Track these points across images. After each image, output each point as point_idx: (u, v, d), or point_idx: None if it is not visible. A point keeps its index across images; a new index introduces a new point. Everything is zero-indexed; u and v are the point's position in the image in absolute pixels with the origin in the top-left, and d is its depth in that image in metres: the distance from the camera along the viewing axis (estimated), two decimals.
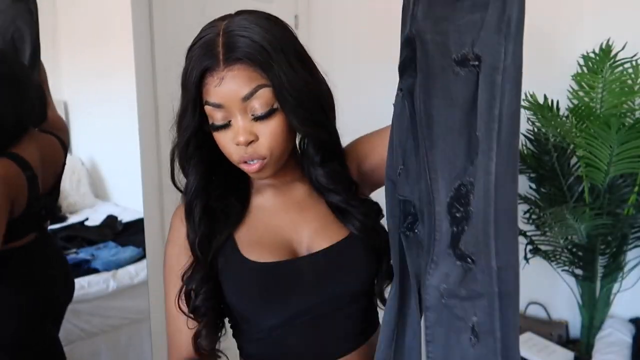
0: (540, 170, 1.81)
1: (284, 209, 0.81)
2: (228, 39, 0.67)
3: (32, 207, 1.24)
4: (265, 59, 0.66)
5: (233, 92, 0.67)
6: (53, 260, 1.45)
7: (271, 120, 0.69)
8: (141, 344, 1.88)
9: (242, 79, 0.67)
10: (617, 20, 1.69)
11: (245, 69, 0.67)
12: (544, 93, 1.63)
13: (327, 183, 0.79)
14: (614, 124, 1.39)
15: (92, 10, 1.92)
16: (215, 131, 0.72)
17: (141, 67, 1.68)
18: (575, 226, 1.50)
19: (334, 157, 0.80)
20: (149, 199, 1.75)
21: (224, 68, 0.67)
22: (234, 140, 0.70)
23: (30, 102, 1.24)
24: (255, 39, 0.67)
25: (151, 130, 1.73)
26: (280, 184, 0.82)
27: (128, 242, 1.92)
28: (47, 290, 1.38)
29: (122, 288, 1.90)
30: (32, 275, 1.25)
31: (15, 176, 1.17)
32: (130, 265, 1.87)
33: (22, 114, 1.22)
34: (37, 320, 1.37)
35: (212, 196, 0.79)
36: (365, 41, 2.26)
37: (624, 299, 1.78)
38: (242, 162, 0.72)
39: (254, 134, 0.70)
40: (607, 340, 1.65)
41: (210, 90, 0.69)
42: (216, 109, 0.69)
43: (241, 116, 0.69)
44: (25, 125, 1.24)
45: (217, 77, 0.67)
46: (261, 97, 0.68)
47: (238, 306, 0.79)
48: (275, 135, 0.70)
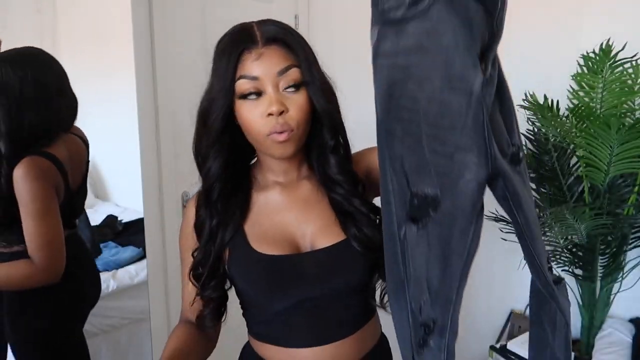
0: (540, 170, 1.81)
1: (288, 206, 0.86)
2: (264, 27, 0.79)
3: (66, 203, 1.33)
4: (297, 45, 0.78)
5: (269, 67, 0.76)
6: (83, 259, 1.50)
7: (299, 94, 0.78)
8: (141, 344, 1.88)
9: (278, 57, 0.77)
10: (617, 20, 1.69)
11: (280, 49, 0.77)
12: (544, 93, 1.63)
13: (336, 173, 0.83)
14: (614, 124, 1.39)
15: (92, 10, 1.92)
16: (246, 103, 0.77)
17: (141, 67, 1.68)
18: (575, 226, 1.50)
19: (345, 150, 0.86)
20: (149, 199, 1.75)
21: (262, 46, 0.77)
22: (267, 111, 0.76)
23: (68, 109, 1.35)
24: (288, 30, 0.80)
25: (151, 130, 1.73)
26: (286, 182, 0.87)
27: (128, 242, 1.92)
28: (78, 289, 1.44)
29: (122, 288, 1.90)
30: (66, 272, 1.30)
31: (52, 171, 1.27)
32: (130, 265, 1.87)
33: (60, 119, 1.33)
34: (68, 318, 1.42)
35: (226, 186, 0.84)
36: (365, 41, 2.26)
37: (624, 299, 1.78)
38: (273, 133, 0.77)
39: (284, 106, 0.76)
40: (607, 340, 1.65)
41: (247, 65, 0.76)
42: (251, 81, 0.76)
43: (273, 89, 0.76)
44: (61, 129, 1.34)
45: (256, 53, 0.76)
46: (292, 74, 0.77)
47: (246, 293, 0.87)
48: (302, 108, 0.78)
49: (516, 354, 1.76)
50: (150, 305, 1.80)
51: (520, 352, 1.76)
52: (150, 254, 1.78)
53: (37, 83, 1.25)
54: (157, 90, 1.72)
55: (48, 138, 1.29)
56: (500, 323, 2.07)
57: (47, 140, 1.29)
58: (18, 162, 1.20)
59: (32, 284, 1.22)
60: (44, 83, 1.27)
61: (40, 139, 1.27)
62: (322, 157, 0.84)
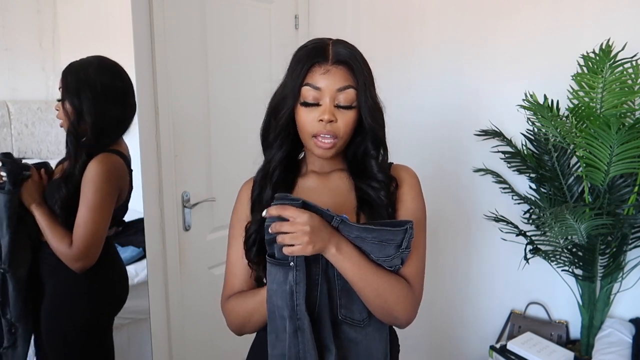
0: (540, 170, 1.81)
1: (319, 192, 1.01)
2: (337, 47, 0.93)
3: (128, 200, 1.50)
4: (359, 70, 0.92)
5: (332, 82, 0.91)
6: (118, 258, 1.61)
7: (348, 112, 0.93)
8: (141, 344, 1.88)
9: (341, 76, 0.92)
10: (617, 20, 1.69)
11: (345, 70, 0.92)
12: (544, 93, 1.63)
13: (377, 172, 0.97)
14: (614, 124, 1.39)
15: (92, 10, 1.92)
16: (305, 108, 0.93)
17: (141, 67, 1.68)
18: (575, 226, 1.50)
19: (384, 157, 1.00)
20: (149, 199, 1.75)
21: (332, 64, 0.92)
22: (320, 117, 0.91)
23: (132, 109, 1.50)
24: (356, 55, 0.94)
25: (151, 130, 1.73)
26: (323, 173, 1.03)
27: (128, 242, 1.92)
28: (114, 284, 1.55)
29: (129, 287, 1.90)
30: (108, 265, 1.45)
31: (125, 171, 1.45)
32: (130, 265, 1.87)
33: (128, 119, 1.49)
34: (104, 315, 1.52)
35: (284, 171, 1.00)
36: (365, 41, 2.26)
37: (624, 299, 1.78)
38: (318, 136, 0.93)
39: (335, 117, 0.92)
40: (607, 340, 1.65)
41: (315, 76, 0.92)
42: (314, 90, 0.92)
43: (330, 101, 0.92)
44: (127, 128, 1.49)
45: (324, 68, 0.92)
46: (348, 94, 0.92)
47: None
48: (349, 123, 0.94)
49: (516, 354, 1.76)
50: (150, 305, 1.80)
51: (520, 352, 1.76)
52: (150, 254, 1.79)
53: (113, 84, 1.42)
54: (157, 90, 1.72)
55: (120, 135, 1.46)
56: (500, 323, 2.07)
57: (118, 139, 1.45)
58: (97, 152, 1.37)
59: (62, 259, 1.35)
60: (118, 85, 1.44)
61: (116, 134, 1.45)
62: (363, 160, 0.99)
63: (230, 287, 1.01)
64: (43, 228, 1.37)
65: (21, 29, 1.77)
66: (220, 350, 2.01)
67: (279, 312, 0.86)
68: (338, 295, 0.90)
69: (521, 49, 1.91)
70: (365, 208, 0.96)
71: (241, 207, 1.03)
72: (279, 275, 0.86)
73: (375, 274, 0.87)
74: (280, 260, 0.85)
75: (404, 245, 0.87)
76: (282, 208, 0.82)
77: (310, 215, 0.82)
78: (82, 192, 1.34)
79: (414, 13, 2.16)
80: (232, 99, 2.01)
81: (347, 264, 0.86)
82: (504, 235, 1.91)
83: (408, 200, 0.98)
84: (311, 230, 0.81)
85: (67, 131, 1.41)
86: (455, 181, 2.13)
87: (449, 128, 2.12)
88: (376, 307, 0.90)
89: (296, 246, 0.81)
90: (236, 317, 0.98)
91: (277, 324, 0.87)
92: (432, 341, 2.31)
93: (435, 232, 2.15)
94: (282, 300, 0.85)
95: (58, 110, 1.43)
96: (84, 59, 1.43)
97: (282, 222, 0.81)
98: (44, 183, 1.43)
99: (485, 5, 1.97)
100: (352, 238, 0.86)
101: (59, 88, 1.41)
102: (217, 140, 1.97)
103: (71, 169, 1.36)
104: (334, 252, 0.84)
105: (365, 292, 0.88)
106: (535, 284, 1.98)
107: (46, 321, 1.43)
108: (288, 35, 2.24)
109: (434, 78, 2.14)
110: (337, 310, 0.90)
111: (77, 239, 1.33)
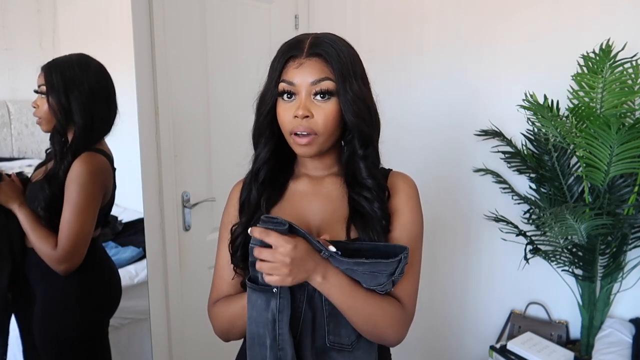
0: (540, 170, 1.81)
1: (311, 197, 0.96)
2: (315, 40, 0.89)
3: (112, 200, 1.47)
4: (336, 60, 0.87)
5: (306, 76, 0.87)
6: (107, 259, 1.59)
7: (328, 103, 0.87)
8: (141, 344, 1.88)
9: (315, 68, 0.87)
10: (617, 20, 1.69)
11: (319, 62, 0.87)
12: (544, 93, 1.63)
13: (365, 177, 0.92)
14: (614, 124, 1.39)
15: (92, 10, 1.92)
16: (282, 104, 0.89)
17: (141, 67, 1.68)
18: (575, 226, 1.50)
19: (375, 160, 0.94)
20: (148, 199, 1.75)
21: (305, 57, 0.88)
22: (294, 113, 0.87)
23: (116, 109, 1.47)
24: (334, 46, 0.88)
25: (151, 130, 1.73)
26: (314, 176, 0.98)
27: (128, 242, 1.91)
28: (106, 286, 1.53)
29: (122, 288, 1.90)
30: (97, 267, 1.43)
31: (109, 170, 1.42)
32: (130, 265, 1.87)
33: (112, 119, 1.46)
34: (97, 316, 1.50)
35: (271, 171, 0.96)
36: (365, 41, 2.26)
37: (624, 299, 1.78)
38: (293, 134, 0.88)
39: (310, 112, 0.87)
40: (607, 340, 1.65)
41: (289, 71, 0.88)
42: (289, 85, 0.88)
43: (305, 96, 0.87)
44: (111, 128, 1.46)
45: (298, 62, 0.88)
46: (324, 85, 0.87)
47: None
48: (328, 116, 0.87)
49: (516, 354, 1.76)
50: (150, 305, 1.80)
51: (520, 352, 1.76)
52: (150, 254, 1.79)
53: (98, 83, 1.40)
54: (157, 90, 1.72)
55: (105, 135, 1.44)
56: (500, 323, 2.07)
57: (100, 140, 1.43)
58: (81, 152, 1.34)
59: (46, 261, 1.32)
60: (103, 85, 1.42)
61: (103, 134, 1.43)
62: (352, 162, 0.93)
63: (217, 290, 0.98)
64: (26, 230, 1.34)
65: (21, 29, 1.77)
66: (220, 350, 2.00)
67: (259, 340, 0.82)
68: (326, 322, 0.86)
69: (521, 49, 1.91)
70: (357, 219, 0.90)
71: (230, 209, 1.01)
72: (260, 301, 0.81)
73: (365, 301, 0.83)
74: (262, 286, 0.81)
75: (397, 273, 0.82)
76: (266, 233, 0.77)
77: (294, 245, 0.76)
78: (67, 192, 1.31)
79: (414, 13, 2.16)
80: (232, 99, 2.01)
81: (335, 294, 0.82)
82: (504, 235, 1.91)
83: (405, 212, 0.93)
84: (291, 262, 0.76)
85: (52, 130, 1.37)
86: (455, 181, 2.13)
87: (448, 128, 2.12)
88: (366, 331, 0.86)
89: (274, 276, 0.77)
90: (221, 322, 0.95)
91: (256, 353, 0.83)
92: (432, 341, 2.31)
93: (435, 232, 2.15)
94: (262, 328, 0.81)
95: (37, 107, 1.38)
96: (67, 56, 1.39)
97: (262, 249, 0.77)
98: (20, 187, 1.39)
99: (486, 5, 1.97)
100: (343, 269, 0.82)
101: (39, 85, 1.37)
102: (217, 140, 1.97)
103: (56, 170, 1.33)
104: (320, 281, 0.80)
105: (356, 319, 0.84)
106: (535, 284, 1.98)
107: (38, 327, 1.40)
108: (288, 35, 2.22)
109: (434, 78, 2.14)
110: (324, 337, 0.86)
111: (62, 240, 1.30)
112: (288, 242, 0.76)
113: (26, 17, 1.78)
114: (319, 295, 0.85)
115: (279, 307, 0.81)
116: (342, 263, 0.81)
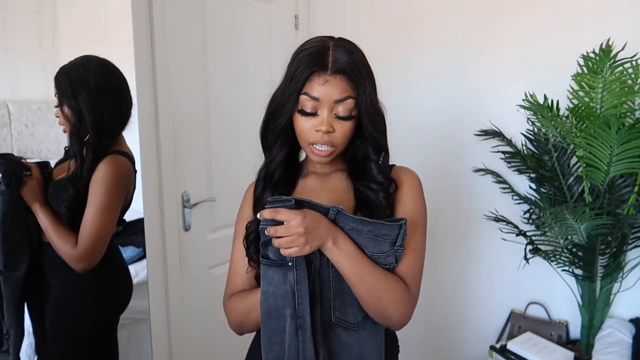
0: (540, 170, 1.81)
1: (319, 192, 1.02)
2: (337, 54, 0.91)
3: (131, 200, 1.50)
4: (358, 79, 0.91)
5: (330, 93, 0.90)
6: (121, 257, 1.61)
7: (347, 122, 0.93)
8: (141, 344, 1.88)
9: (340, 86, 0.91)
10: (617, 20, 1.69)
11: (344, 80, 0.91)
12: (544, 93, 1.63)
13: (377, 174, 0.97)
14: (614, 124, 1.39)
15: (92, 10, 1.92)
16: (303, 116, 0.93)
17: (141, 67, 1.68)
18: (575, 226, 1.50)
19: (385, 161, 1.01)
20: (149, 199, 1.75)
21: (330, 74, 0.90)
22: (317, 127, 0.92)
23: (129, 104, 1.49)
24: (356, 61, 0.92)
25: (151, 130, 1.73)
26: (323, 173, 1.04)
27: (128, 242, 1.91)
28: (119, 284, 1.56)
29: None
30: (112, 265, 1.46)
31: (132, 172, 1.46)
32: (130, 265, 1.86)
33: (126, 114, 1.48)
34: (109, 312, 1.52)
35: (285, 172, 1.01)
36: (365, 41, 2.26)
37: (624, 299, 1.78)
38: (314, 145, 0.94)
39: (332, 127, 0.92)
40: (607, 340, 1.65)
41: (314, 86, 0.91)
42: (312, 100, 0.91)
43: (328, 112, 0.92)
44: (127, 124, 1.48)
45: (323, 79, 0.90)
46: (347, 104, 0.92)
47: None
48: (346, 133, 0.94)
49: (516, 354, 1.76)
50: (150, 305, 1.80)
51: (521, 352, 1.76)
52: (150, 254, 1.79)
53: (106, 81, 1.41)
54: (157, 90, 1.72)
55: (120, 131, 1.46)
56: (500, 323, 2.07)
57: (119, 137, 1.45)
58: (103, 152, 1.37)
59: (65, 259, 1.35)
60: (111, 81, 1.43)
61: (117, 130, 1.45)
62: (364, 164, 0.99)
63: (232, 285, 1.02)
64: (46, 228, 1.37)
65: (21, 29, 1.76)
66: (220, 350, 2.01)
67: (277, 313, 0.86)
68: (332, 297, 0.90)
69: (521, 49, 1.91)
70: (363, 208, 0.96)
71: (245, 207, 1.05)
72: (277, 276, 0.86)
73: (371, 271, 0.87)
74: (277, 261, 0.86)
75: (398, 243, 0.87)
76: (275, 211, 0.82)
77: (304, 215, 0.82)
78: (91, 193, 1.35)
79: (414, 13, 2.16)
80: (232, 99, 2.01)
81: (343, 259, 0.86)
82: (504, 235, 1.91)
83: (407, 201, 0.98)
84: (306, 231, 0.81)
85: (69, 134, 1.41)
86: (455, 181, 2.13)
87: (449, 128, 2.12)
88: (370, 305, 0.89)
89: (293, 248, 0.81)
90: (236, 315, 0.99)
91: (272, 327, 0.87)
92: (432, 341, 2.31)
93: (435, 232, 2.15)
94: (281, 301, 0.85)
95: (59, 116, 1.43)
96: (73, 60, 1.43)
97: (276, 227, 0.82)
98: (41, 185, 1.42)
99: (486, 5, 1.97)
100: (348, 230, 0.87)
101: (55, 95, 1.41)
102: (217, 140, 1.97)
103: (79, 170, 1.37)
104: (330, 245, 0.85)
105: (360, 289, 0.87)
106: (535, 284, 1.98)
107: (52, 321, 1.43)
108: (288, 35, 2.24)
109: (434, 78, 2.14)
110: (330, 312, 0.89)
111: (83, 239, 1.33)
112: (297, 214, 0.82)
113: (26, 17, 1.78)
114: (327, 270, 0.89)
115: (297, 279, 0.85)
116: (348, 220, 0.87)
